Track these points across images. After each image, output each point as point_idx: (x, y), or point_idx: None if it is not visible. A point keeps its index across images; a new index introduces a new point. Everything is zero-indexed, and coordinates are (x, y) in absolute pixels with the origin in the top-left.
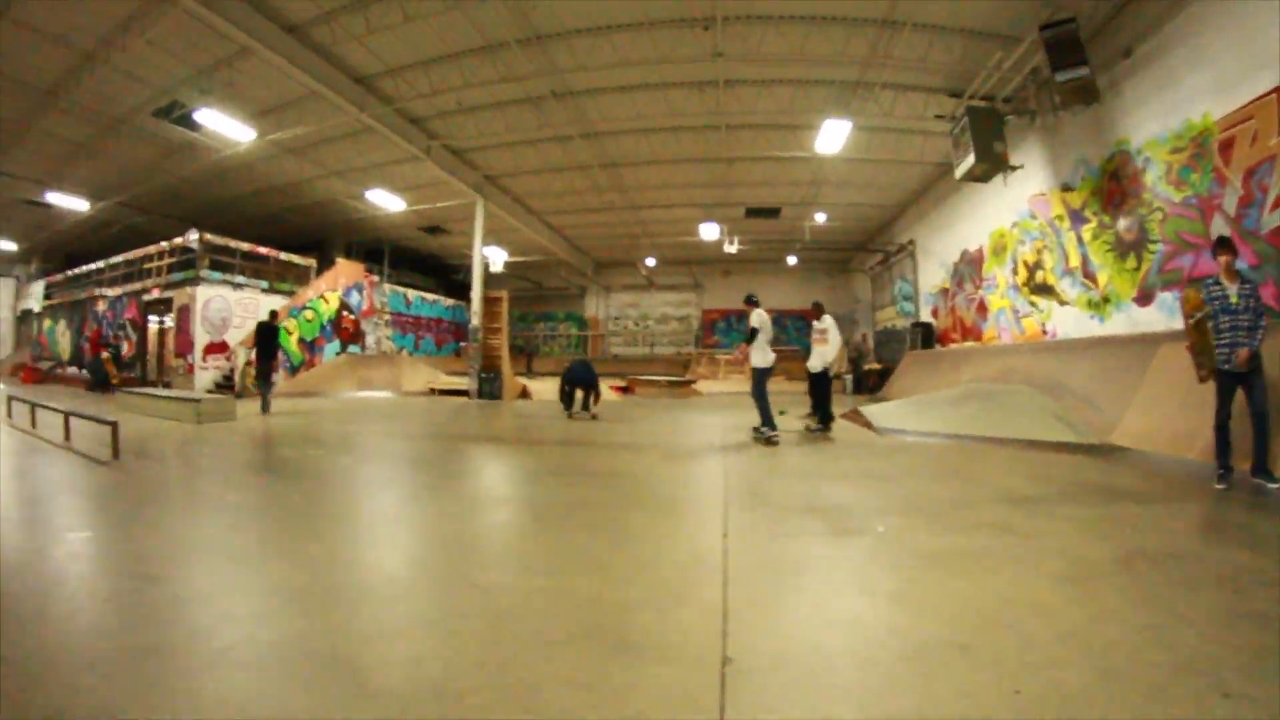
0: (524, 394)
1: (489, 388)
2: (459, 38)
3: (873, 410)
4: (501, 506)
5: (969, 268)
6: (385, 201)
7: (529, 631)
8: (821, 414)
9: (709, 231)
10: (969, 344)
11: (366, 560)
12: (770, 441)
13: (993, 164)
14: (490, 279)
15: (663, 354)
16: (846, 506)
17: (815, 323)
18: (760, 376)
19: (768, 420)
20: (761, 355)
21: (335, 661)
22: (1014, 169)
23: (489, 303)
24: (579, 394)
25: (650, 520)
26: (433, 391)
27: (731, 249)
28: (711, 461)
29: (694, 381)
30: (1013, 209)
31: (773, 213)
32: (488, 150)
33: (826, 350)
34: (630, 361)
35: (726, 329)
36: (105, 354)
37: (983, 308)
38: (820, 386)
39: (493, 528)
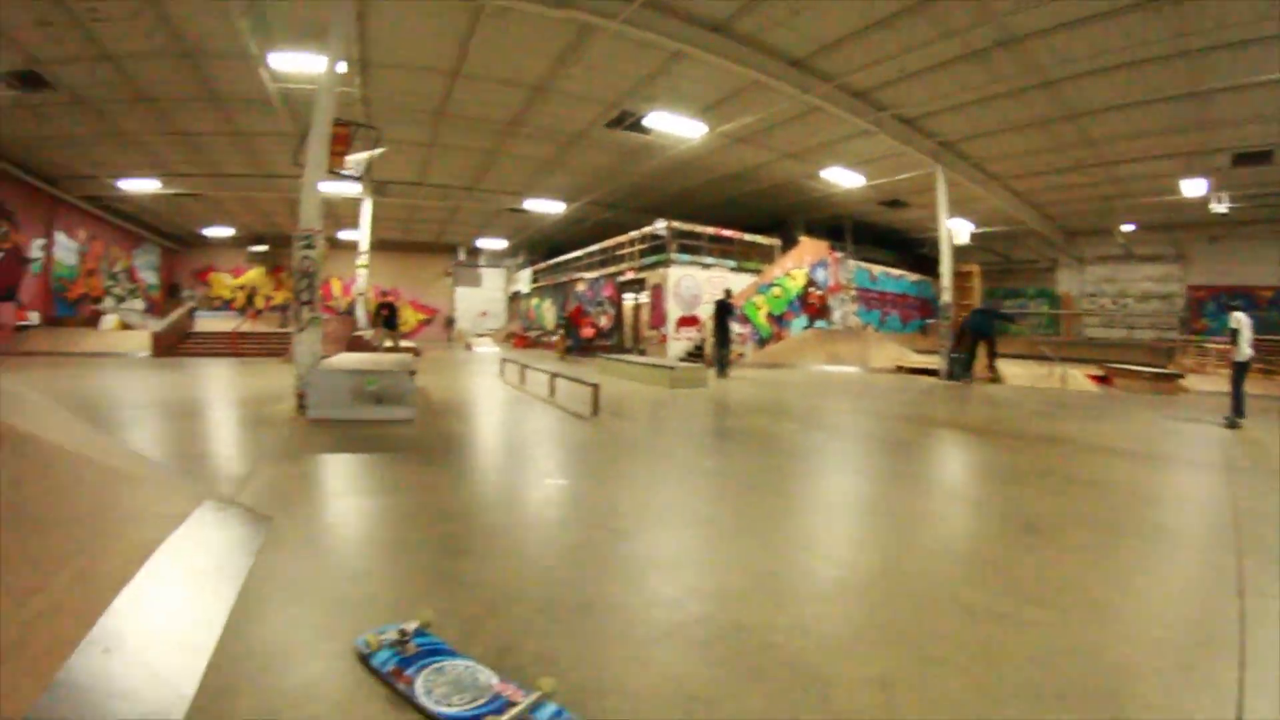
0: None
1: (959, 368)
2: (885, 1)
3: None
4: (982, 511)
5: None
6: (842, 178)
7: (1017, 676)
8: None
9: (1192, 188)
10: None
11: (837, 551)
12: (1233, 426)
13: None
14: (956, 252)
15: (1142, 338)
16: None
17: None
18: (1239, 370)
19: (1237, 409)
20: (1239, 352)
21: (796, 665)
22: None
23: (958, 277)
24: (980, 351)
25: (1150, 553)
26: (899, 369)
27: (1220, 208)
28: (1217, 483)
29: (1180, 376)
30: None
31: (1262, 157)
32: (940, 115)
33: None
34: (1104, 346)
35: (1217, 310)
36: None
37: None
38: None
39: (976, 536)
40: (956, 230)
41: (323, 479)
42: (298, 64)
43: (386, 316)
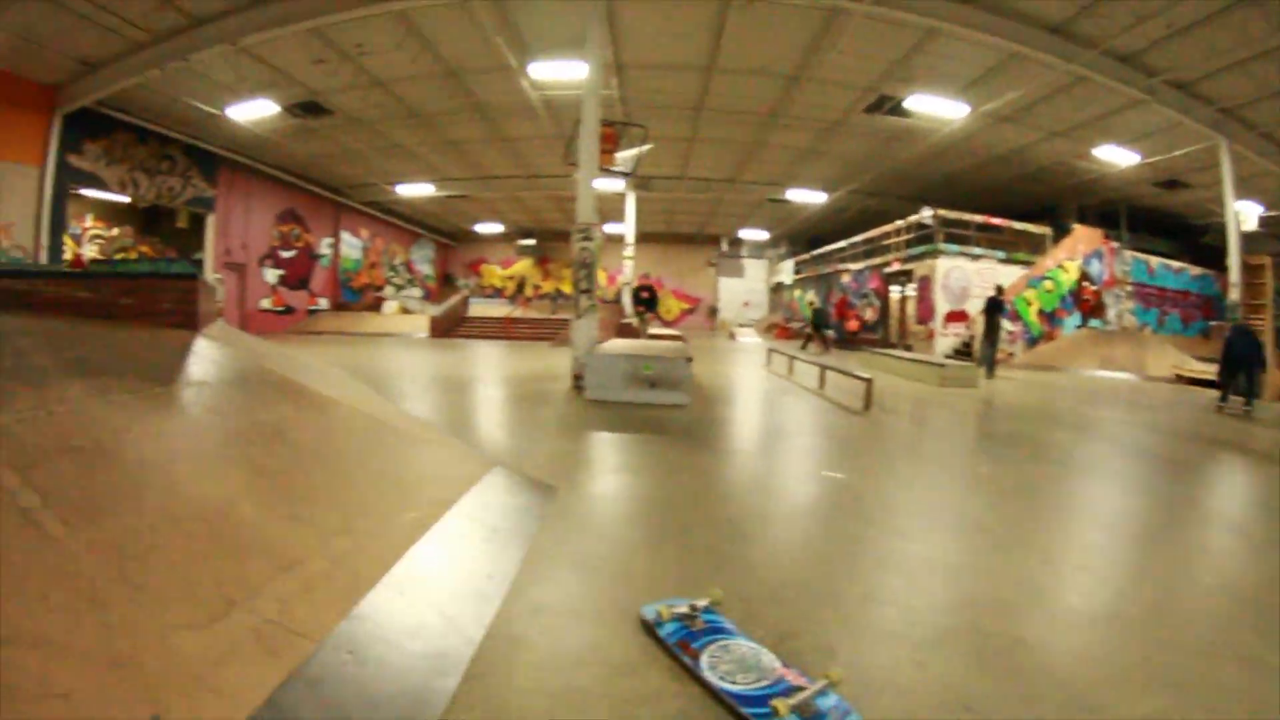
0: None
1: (1244, 383)
2: None
3: None
4: (1273, 551)
5: None
6: (1114, 157)
7: None
8: None
9: None
10: None
11: (1113, 575)
12: None
13: None
14: (1244, 240)
15: None
16: None
17: None
18: None
19: None
20: None
21: (1070, 690)
22: None
23: (1246, 271)
24: (1241, 379)
25: None
26: (1178, 378)
27: None
28: None
29: None
30: None
31: None
32: (1218, 76)
33: None
34: None
35: None
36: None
37: None
38: None
39: (1265, 581)
40: (1244, 214)
41: (603, 455)
42: (555, 72)
43: (647, 299)
